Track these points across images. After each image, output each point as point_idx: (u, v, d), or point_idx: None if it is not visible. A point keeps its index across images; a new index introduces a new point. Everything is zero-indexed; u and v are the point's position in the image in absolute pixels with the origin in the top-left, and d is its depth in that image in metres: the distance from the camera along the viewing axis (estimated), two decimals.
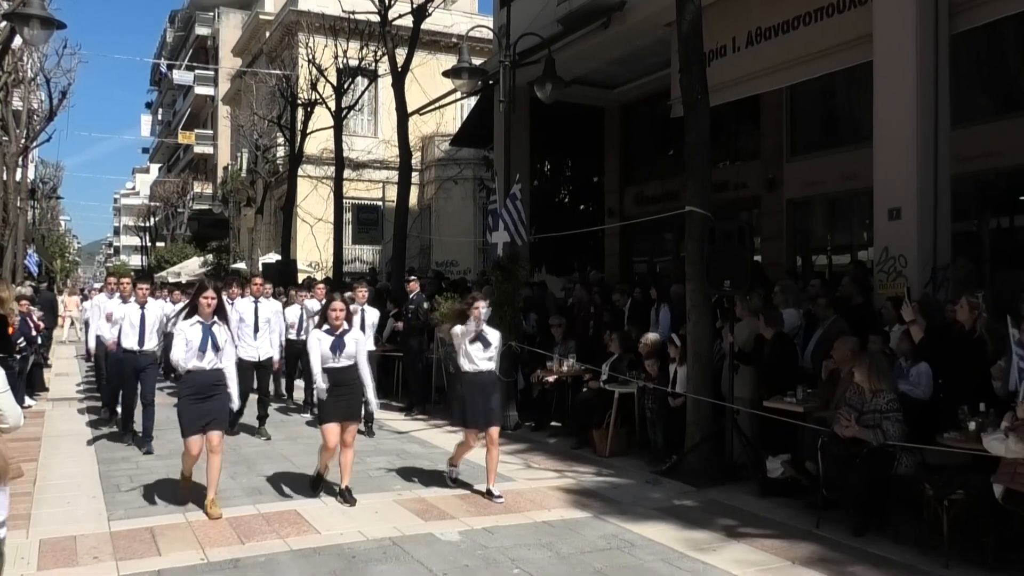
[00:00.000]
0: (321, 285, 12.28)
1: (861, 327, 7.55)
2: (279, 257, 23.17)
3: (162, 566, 5.34)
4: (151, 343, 9.11)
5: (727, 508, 6.80)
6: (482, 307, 6.89)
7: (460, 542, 5.85)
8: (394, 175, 18.36)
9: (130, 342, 9.03)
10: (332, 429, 6.71)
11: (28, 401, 11.83)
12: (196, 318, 6.54)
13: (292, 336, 11.51)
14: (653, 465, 8.15)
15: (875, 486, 6.05)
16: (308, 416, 11.11)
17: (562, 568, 5.37)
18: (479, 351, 6.93)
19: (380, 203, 26.61)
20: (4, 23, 16.41)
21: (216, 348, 6.49)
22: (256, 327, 10.00)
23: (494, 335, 7.07)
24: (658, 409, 8.54)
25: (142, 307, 9.11)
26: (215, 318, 6.56)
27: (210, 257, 34.15)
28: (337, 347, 6.72)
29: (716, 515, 6.58)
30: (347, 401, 6.78)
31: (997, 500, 5.17)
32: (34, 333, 12.46)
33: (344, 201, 20.75)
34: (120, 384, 9.57)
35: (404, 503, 6.92)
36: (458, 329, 6.96)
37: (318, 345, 6.74)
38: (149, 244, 58.21)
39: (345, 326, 6.78)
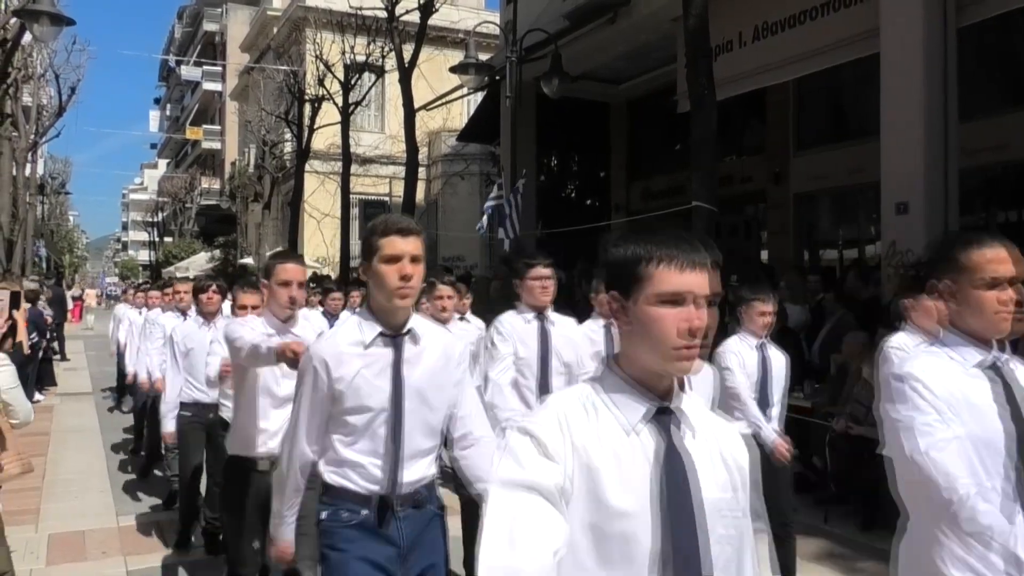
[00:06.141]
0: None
1: (869, 321, 7.53)
2: None
3: (170, 561, 5.37)
4: None
5: None
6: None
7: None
8: (401, 170, 18.36)
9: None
10: None
11: (37, 396, 11.91)
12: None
13: None
14: None
15: (883, 480, 6.03)
16: None
17: None
18: None
19: (387, 198, 26.62)
20: (14, 19, 16.45)
21: None
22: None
23: None
24: None
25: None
26: None
27: (217, 252, 34.19)
28: None
29: None
30: None
31: None
32: (49, 322, 12.54)
33: (351, 196, 20.77)
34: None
35: None
36: None
37: None
38: (157, 239, 58.36)
39: None
